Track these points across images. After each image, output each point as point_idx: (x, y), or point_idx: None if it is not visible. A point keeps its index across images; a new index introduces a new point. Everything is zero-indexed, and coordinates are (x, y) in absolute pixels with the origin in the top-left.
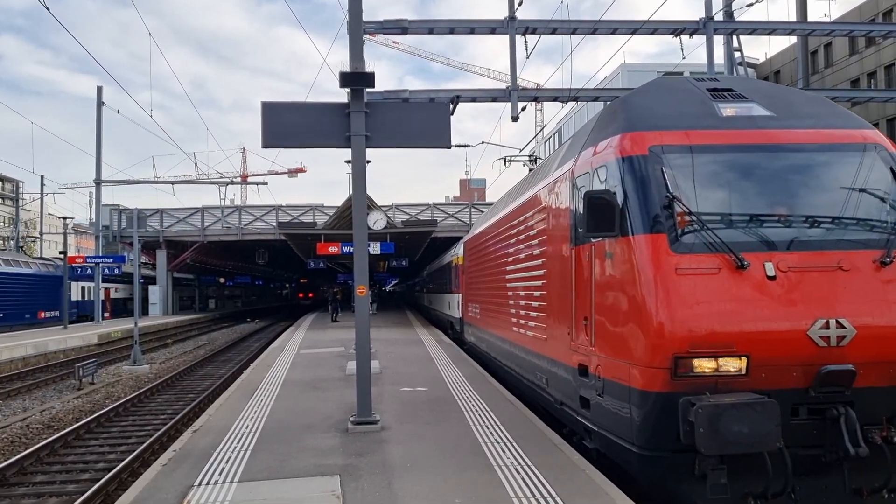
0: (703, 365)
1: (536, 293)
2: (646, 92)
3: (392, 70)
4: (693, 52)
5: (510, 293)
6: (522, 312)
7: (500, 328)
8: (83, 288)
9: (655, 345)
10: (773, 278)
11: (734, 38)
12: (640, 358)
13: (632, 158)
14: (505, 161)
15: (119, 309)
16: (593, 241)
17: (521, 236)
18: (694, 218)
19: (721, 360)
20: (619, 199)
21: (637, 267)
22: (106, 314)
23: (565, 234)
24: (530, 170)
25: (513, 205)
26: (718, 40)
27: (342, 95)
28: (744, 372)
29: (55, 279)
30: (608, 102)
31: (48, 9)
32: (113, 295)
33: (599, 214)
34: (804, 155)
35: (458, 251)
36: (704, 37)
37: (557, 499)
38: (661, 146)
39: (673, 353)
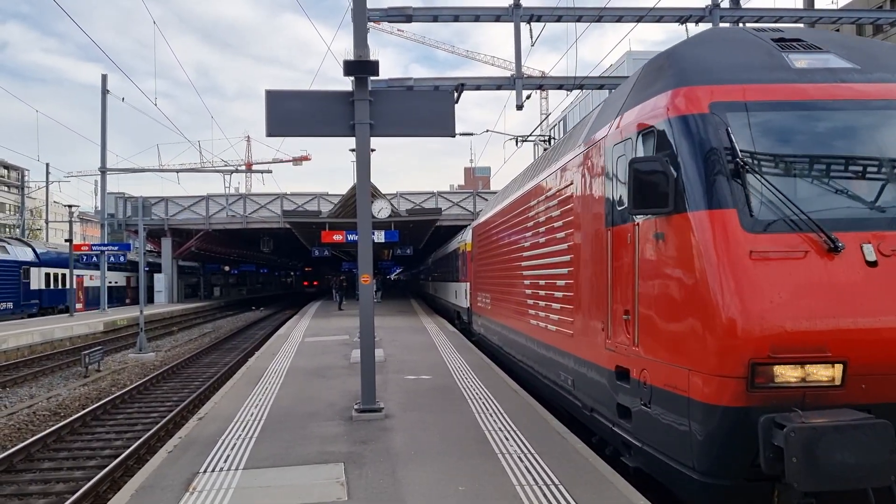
0: (787, 373)
1: (560, 282)
2: (699, 42)
3: (398, 58)
4: None
5: (527, 282)
6: (542, 304)
7: (514, 321)
8: (48, 275)
9: (726, 347)
10: (873, 264)
11: (741, 25)
12: (704, 363)
13: (688, 118)
14: (517, 142)
15: (96, 300)
16: (638, 219)
17: (541, 218)
18: (771, 189)
19: (810, 368)
20: (673, 167)
21: (700, 250)
22: (79, 305)
23: (598, 214)
24: (545, 149)
25: (530, 184)
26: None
27: (347, 84)
28: (838, 383)
29: (6, 266)
30: (613, 90)
31: None
32: (87, 283)
33: (648, 187)
34: None
35: (466, 237)
36: (711, 24)
37: (560, 486)
38: (725, 102)
39: (749, 359)
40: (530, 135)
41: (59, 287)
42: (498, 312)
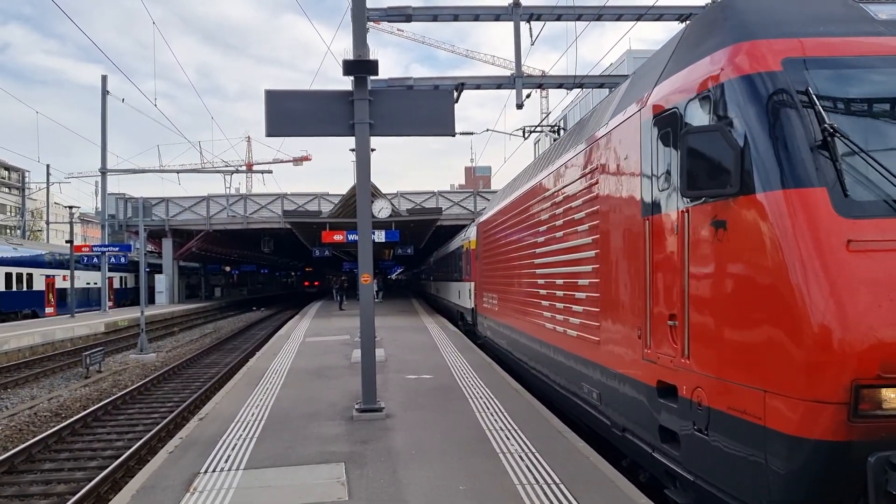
0: None
1: (583, 281)
2: None
3: (398, 58)
4: None
5: (542, 282)
6: (560, 306)
7: (526, 324)
8: (8, 275)
9: (819, 363)
10: None
11: None
12: (787, 384)
13: (757, 77)
14: (524, 133)
15: (81, 302)
16: (689, 205)
17: (559, 210)
18: (870, 162)
19: None
20: (739, 139)
21: (779, 240)
22: (50, 309)
23: (632, 200)
24: (554, 139)
25: (544, 173)
26: None
27: (347, 83)
28: None
29: None
30: (612, 89)
31: None
32: (60, 284)
33: (705, 164)
34: None
35: (470, 235)
36: None
37: (561, 485)
38: (802, 59)
39: (852, 379)
40: (539, 125)
41: (24, 289)
42: (507, 314)
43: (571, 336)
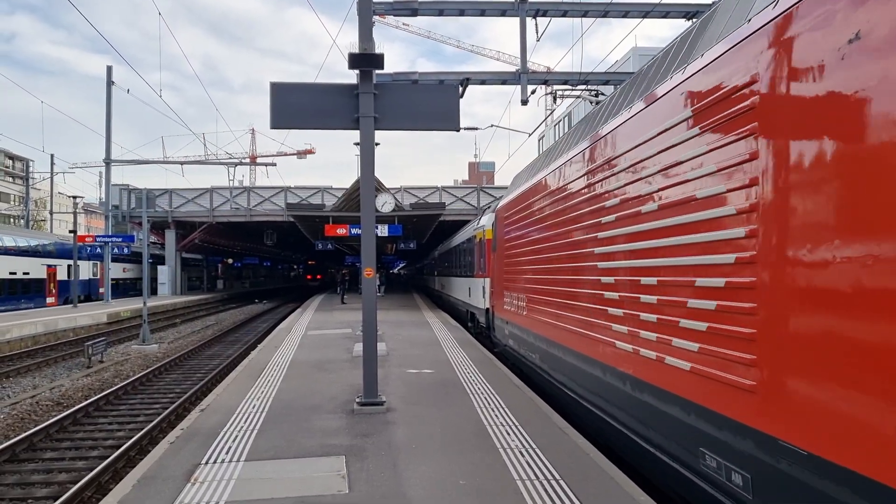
0: None
1: (716, 282)
2: None
3: (405, 52)
4: None
5: (609, 279)
6: (652, 319)
7: (581, 341)
8: None
9: None
10: None
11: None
12: None
13: None
14: (555, 97)
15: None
16: None
17: (651, 166)
18: None
19: None
20: None
21: None
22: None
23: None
24: (596, 103)
25: (624, 116)
26: None
27: (353, 77)
28: None
29: None
30: (618, 86)
31: None
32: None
33: None
34: None
35: (484, 223)
36: None
37: (561, 481)
38: None
39: None
40: (575, 87)
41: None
42: (541, 321)
43: (682, 371)
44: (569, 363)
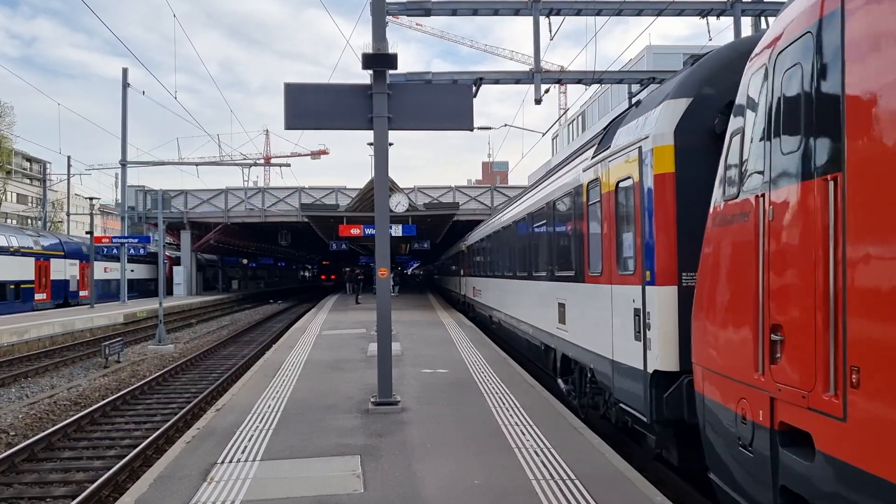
0: None
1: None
2: None
3: (420, 53)
4: (720, 35)
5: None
6: None
7: None
8: None
9: None
10: None
11: (762, 19)
12: None
13: None
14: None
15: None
16: None
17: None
18: None
19: None
20: None
21: None
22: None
23: None
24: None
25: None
26: (746, 22)
27: (367, 78)
28: None
29: None
30: (632, 85)
31: None
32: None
33: None
34: None
35: (649, 127)
36: (732, 18)
37: (577, 481)
38: None
39: None
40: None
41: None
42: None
43: None
44: None
